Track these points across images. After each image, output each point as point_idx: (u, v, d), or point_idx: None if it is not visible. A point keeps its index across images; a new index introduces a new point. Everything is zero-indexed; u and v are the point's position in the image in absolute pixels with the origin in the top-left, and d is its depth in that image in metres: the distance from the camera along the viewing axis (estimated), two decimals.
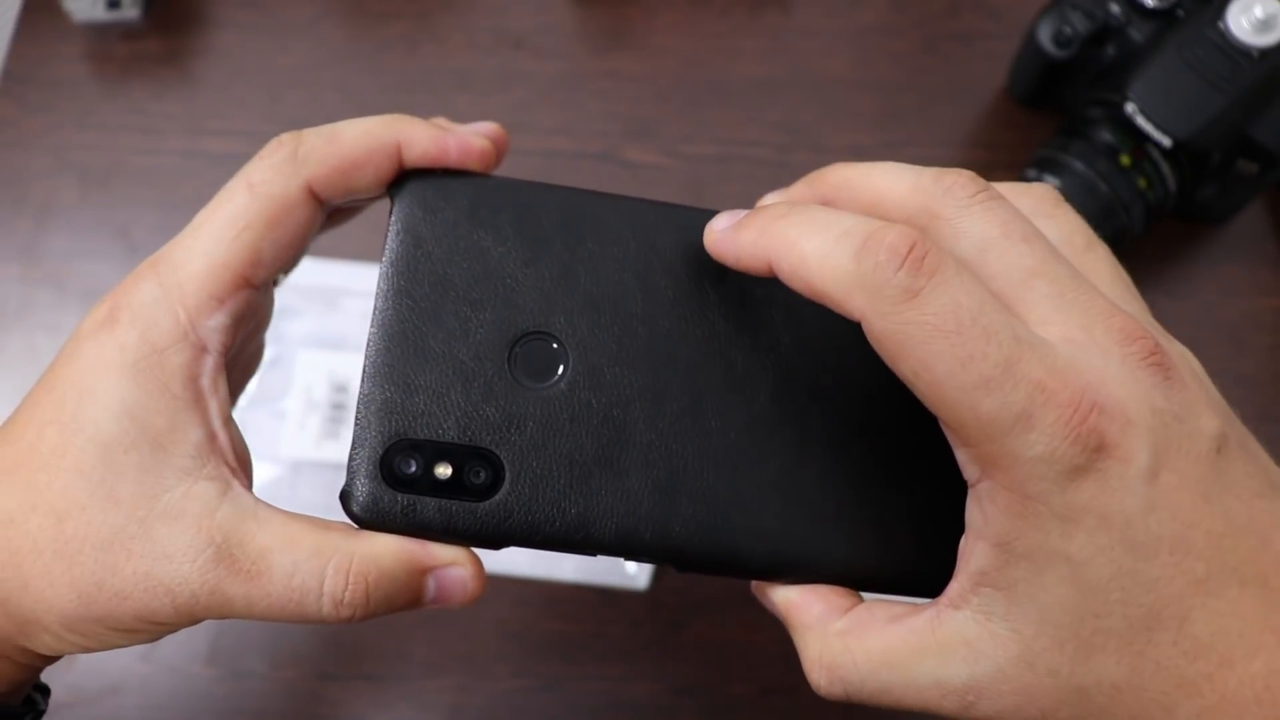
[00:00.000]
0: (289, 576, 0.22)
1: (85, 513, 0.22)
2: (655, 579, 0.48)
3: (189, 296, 0.23)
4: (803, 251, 0.21)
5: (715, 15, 0.61)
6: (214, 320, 0.24)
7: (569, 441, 0.24)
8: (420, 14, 0.60)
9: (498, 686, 0.47)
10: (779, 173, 0.57)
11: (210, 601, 0.22)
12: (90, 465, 0.22)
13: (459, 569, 0.24)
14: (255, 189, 0.24)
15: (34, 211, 0.56)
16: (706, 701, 0.47)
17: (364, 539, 0.24)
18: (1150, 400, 0.20)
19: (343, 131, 0.25)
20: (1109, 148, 0.49)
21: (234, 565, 0.22)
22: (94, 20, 0.59)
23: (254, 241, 0.24)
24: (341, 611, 0.23)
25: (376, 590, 0.23)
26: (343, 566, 0.23)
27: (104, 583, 0.22)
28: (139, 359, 0.22)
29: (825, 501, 0.24)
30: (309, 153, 0.24)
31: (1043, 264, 0.21)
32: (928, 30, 0.60)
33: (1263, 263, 0.55)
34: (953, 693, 0.22)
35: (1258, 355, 0.54)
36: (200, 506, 0.22)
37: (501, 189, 0.25)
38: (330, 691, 0.46)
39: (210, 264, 0.23)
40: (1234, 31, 0.47)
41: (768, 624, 0.49)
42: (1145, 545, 0.20)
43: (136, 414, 0.22)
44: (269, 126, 0.57)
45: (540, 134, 0.58)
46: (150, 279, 0.23)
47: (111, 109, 0.58)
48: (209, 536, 0.22)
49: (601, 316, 0.25)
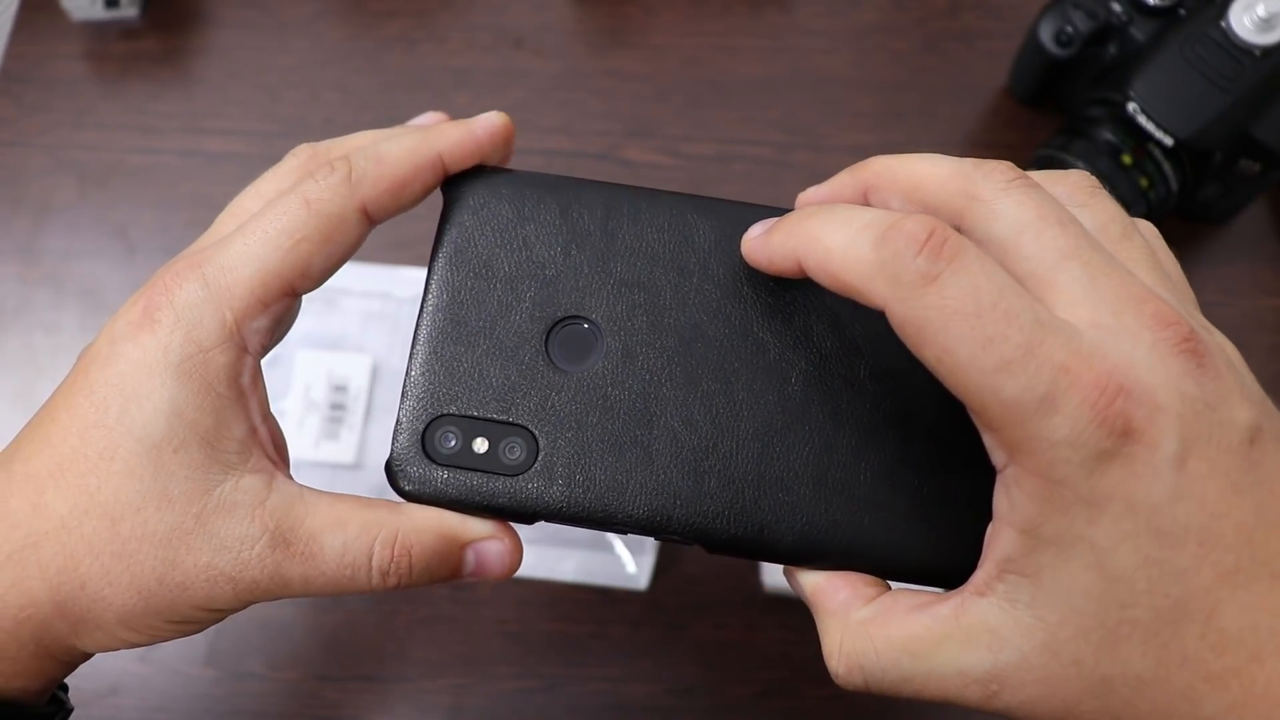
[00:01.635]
0: (340, 554, 0.24)
1: (140, 514, 0.23)
2: (655, 579, 0.48)
3: (237, 299, 0.24)
4: (826, 245, 0.22)
5: (715, 14, 0.60)
6: (258, 323, 0.24)
7: (602, 421, 0.25)
8: (419, 13, 0.60)
9: (498, 687, 0.47)
10: (779, 172, 0.56)
11: (271, 585, 0.24)
12: (141, 466, 0.23)
13: (495, 543, 0.26)
14: (312, 205, 0.25)
15: (32, 211, 0.56)
16: (706, 702, 0.47)
17: (406, 513, 0.25)
18: (1180, 387, 0.20)
19: (388, 153, 0.26)
20: (1110, 147, 0.49)
21: (290, 549, 0.24)
22: (92, 19, 0.59)
23: (308, 254, 0.24)
24: (389, 581, 0.24)
25: (419, 561, 0.25)
26: (389, 540, 0.24)
27: (165, 577, 0.23)
28: (184, 359, 0.23)
29: (855, 489, 0.25)
30: (362, 176, 0.25)
31: (1075, 247, 0.21)
32: (928, 29, 0.60)
33: (1265, 262, 0.55)
34: (975, 681, 0.21)
35: (1259, 355, 0.54)
36: (250, 498, 0.23)
37: (545, 185, 0.27)
38: (329, 693, 0.46)
39: (262, 269, 0.24)
40: (1236, 30, 0.46)
41: (768, 625, 0.49)
42: (1172, 534, 0.20)
43: (184, 414, 0.23)
44: (268, 125, 0.57)
45: (540, 133, 0.57)
46: (194, 279, 0.24)
47: (110, 108, 0.57)
48: (263, 524, 0.23)
49: (636, 303, 0.26)
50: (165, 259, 0.62)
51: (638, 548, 0.48)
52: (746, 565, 0.48)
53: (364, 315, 0.52)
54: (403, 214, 0.27)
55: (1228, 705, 0.20)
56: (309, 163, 0.27)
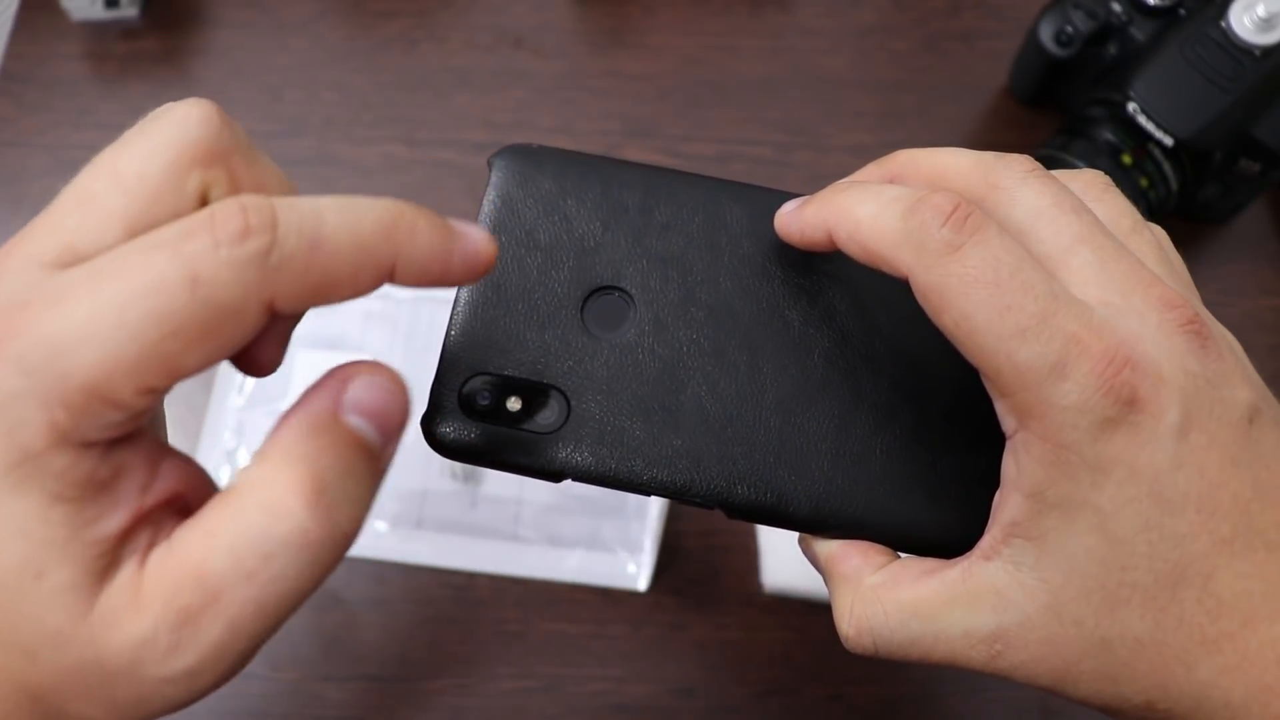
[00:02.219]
0: (236, 563, 0.19)
1: (45, 652, 0.19)
2: (655, 579, 0.48)
3: (72, 394, 0.17)
4: (857, 216, 0.23)
5: (715, 14, 0.60)
6: (103, 420, 0.18)
7: (631, 386, 0.26)
8: (419, 12, 0.60)
9: (498, 687, 0.47)
10: (779, 172, 0.56)
11: (210, 662, 0.19)
12: (13, 607, 0.18)
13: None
14: (199, 290, 0.17)
15: (32, 211, 0.55)
16: (706, 702, 0.47)
17: (282, 463, 0.19)
18: (1184, 363, 0.21)
19: (331, 239, 0.19)
20: (1111, 147, 0.49)
21: (189, 618, 0.19)
22: (92, 19, 0.59)
23: (177, 353, 0.18)
24: (319, 524, 0.19)
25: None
26: (275, 507, 0.19)
27: (114, 693, 0.19)
28: (10, 469, 0.18)
29: (871, 461, 0.26)
30: (285, 261, 0.18)
31: (1088, 233, 0.22)
32: (928, 29, 0.60)
33: (1265, 262, 0.55)
34: (981, 642, 0.22)
35: (1260, 355, 0.53)
36: (126, 597, 0.19)
37: (588, 163, 0.28)
38: (330, 693, 0.46)
39: (108, 363, 0.17)
40: (1236, 30, 0.46)
41: (768, 625, 0.49)
42: (1173, 501, 0.21)
43: (31, 533, 0.18)
44: (268, 125, 0.57)
45: (540, 133, 0.57)
46: (9, 362, 0.17)
47: (110, 108, 0.57)
48: (149, 617, 0.18)
49: (669, 277, 0.27)
50: None
51: (637, 548, 0.48)
52: (746, 566, 0.48)
53: (364, 315, 0.52)
54: None
55: (1221, 668, 0.21)
56: (221, 211, 0.18)
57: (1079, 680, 0.22)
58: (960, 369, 0.22)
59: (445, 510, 0.48)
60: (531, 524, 0.48)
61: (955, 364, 0.23)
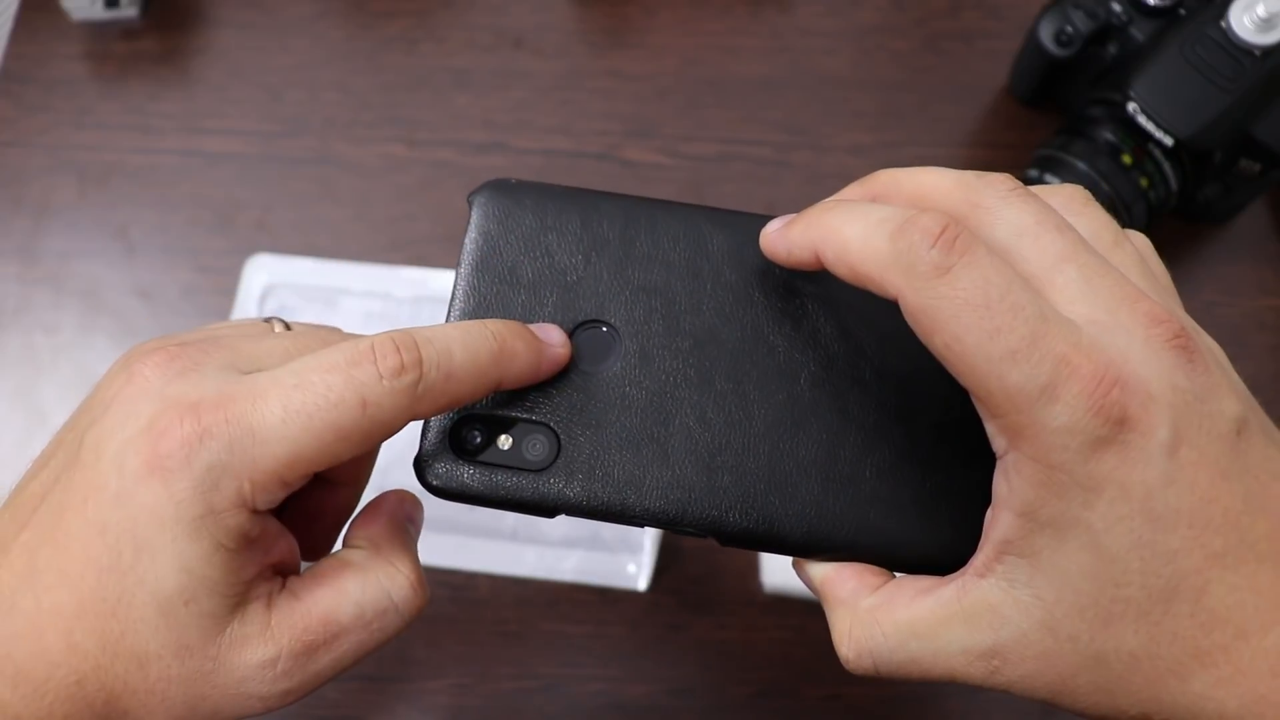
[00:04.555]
0: (359, 614, 0.25)
1: (162, 660, 0.23)
2: (655, 579, 0.48)
3: (260, 474, 0.23)
4: (845, 237, 0.23)
5: (715, 14, 0.60)
6: (274, 495, 0.24)
7: (620, 419, 0.26)
8: (419, 12, 0.60)
9: (497, 687, 0.47)
10: (779, 172, 0.56)
11: (304, 684, 0.25)
12: (155, 618, 0.23)
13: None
14: (368, 409, 0.23)
15: (32, 211, 0.56)
16: (706, 702, 0.47)
17: (390, 550, 0.26)
18: (1172, 379, 0.21)
19: (459, 370, 0.24)
20: (1111, 147, 0.49)
21: (310, 651, 0.24)
22: (92, 19, 0.59)
23: (345, 451, 0.24)
24: (423, 598, 0.26)
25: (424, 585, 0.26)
26: (395, 579, 0.26)
27: (197, 707, 0.24)
28: (195, 518, 0.23)
29: (861, 482, 0.26)
30: (427, 390, 0.24)
31: (1073, 250, 0.22)
32: (928, 29, 0.60)
33: (1265, 262, 0.55)
34: (979, 658, 0.22)
35: (1259, 355, 0.54)
36: (257, 628, 0.24)
37: (567, 196, 0.28)
38: (330, 692, 0.46)
39: (293, 454, 0.23)
40: (1236, 30, 0.46)
41: (767, 625, 0.49)
42: (1164, 517, 0.21)
43: (194, 569, 0.23)
44: (268, 125, 0.57)
45: (540, 133, 0.57)
46: (219, 441, 0.23)
47: (109, 108, 0.57)
48: (277, 645, 0.24)
49: (653, 308, 0.27)
50: (165, 259, 0.62)
51: (637, 548, 0.48)
52: (746, 566, 0.48)
53: (364, 315, 0.52)
54: (403, 215, 0.27)
55: (1215, 680, 0.21)
56: (380, 346, 0.24)
57: (1076, 694, 0.22)
58: (946, 386, 0.22)
59: (445, 510, 0.48)
60: (531, 524, 0.48)
61: (941, 381, 0.23)
